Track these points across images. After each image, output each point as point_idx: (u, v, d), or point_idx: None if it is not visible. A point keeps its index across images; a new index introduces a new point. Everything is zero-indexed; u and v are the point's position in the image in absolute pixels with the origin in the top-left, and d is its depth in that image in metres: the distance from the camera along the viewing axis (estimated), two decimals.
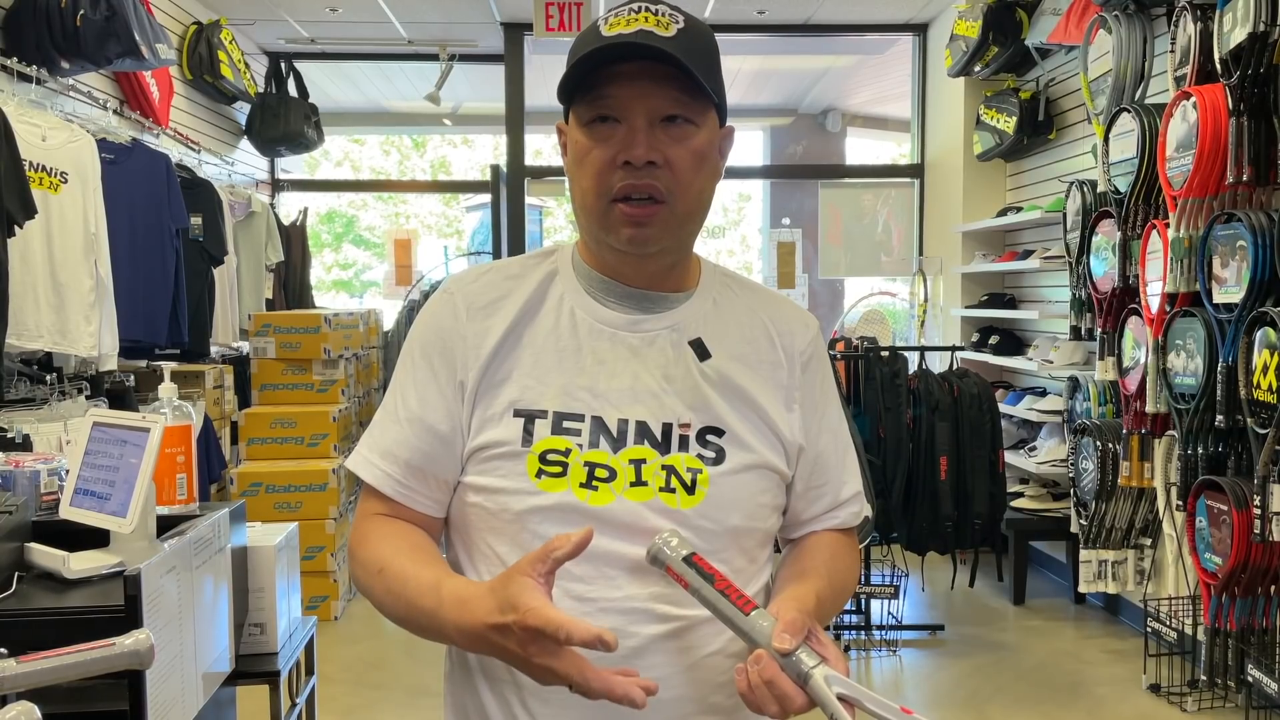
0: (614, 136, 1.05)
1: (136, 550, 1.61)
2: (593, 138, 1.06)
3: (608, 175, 1.06)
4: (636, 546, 1.05)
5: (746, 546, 1.12)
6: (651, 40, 1.03)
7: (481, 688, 1.11)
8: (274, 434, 4.69)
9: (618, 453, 1.08)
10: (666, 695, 1.06)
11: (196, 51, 5.52)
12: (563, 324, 1.13)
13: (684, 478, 1.08)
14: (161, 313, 4.15)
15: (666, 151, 1.05)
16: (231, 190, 5.52)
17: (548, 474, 1.07)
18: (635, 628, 1.05)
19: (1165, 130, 3.55)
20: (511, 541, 1.08)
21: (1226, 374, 3.25)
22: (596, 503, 1.06)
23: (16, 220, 3.17)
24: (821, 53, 7.70)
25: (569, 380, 1.10)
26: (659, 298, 1.15)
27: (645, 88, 1.04)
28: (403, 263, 7.44)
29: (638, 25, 1.04)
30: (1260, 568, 3.22)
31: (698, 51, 1.05)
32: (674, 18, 1.06)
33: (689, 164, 1.07)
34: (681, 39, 1.04)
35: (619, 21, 1.05)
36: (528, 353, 1.11)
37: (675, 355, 1.12)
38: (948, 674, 4.00)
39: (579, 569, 1.05)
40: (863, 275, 7.21)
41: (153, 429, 1.57)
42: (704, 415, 1.10)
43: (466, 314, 1.13)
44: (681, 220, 1.09)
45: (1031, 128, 5.26)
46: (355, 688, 3.80)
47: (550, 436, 1.08)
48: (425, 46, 6.84)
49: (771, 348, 1.17)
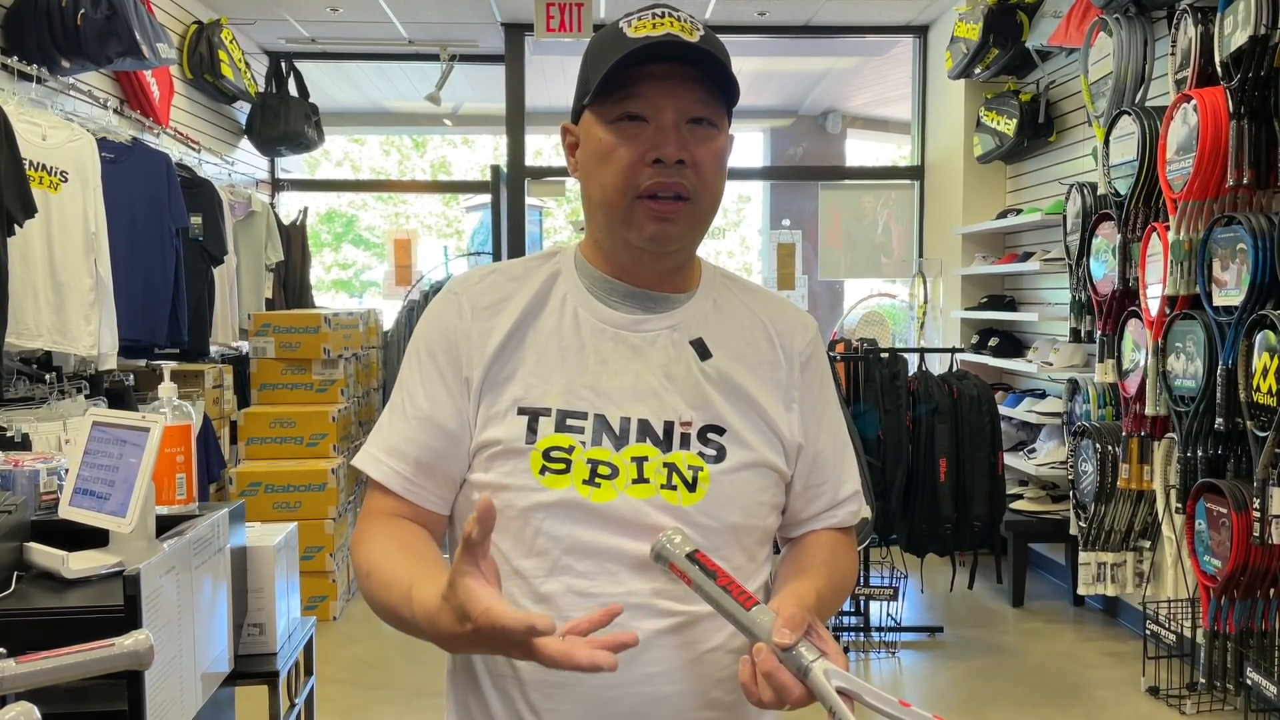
0: (642, 135, 1.08)
1: (136, 550, 1.61)
2: (620, 135, 1.08)
3: (635, 172, 1.08)
4: (638, 542, 1.06)
5: (746, 544, 1.13)
6: (680, 45, 1.06)
7: (485, 684, 1.12)
8: (273, 434, 4.69)
9: (620, 450, 1.09)
10: (668, 690, 1.07)
11: (197, 51, 5.52)
12: (566, 324, 1.14)
13: (685, 475, 1.09)
14: (161, 312, 4.15)
15: (694, 151, 1.08)
16: (231, 190, 5.52)
17: (551, 471, 1.08)
18: (637, 623, 1.06)
19: (1166, 133, 3.55)
20: (515, 538, 1.09)
21: (1226, 377, 3.25)
22: (599, 499, 1.08)
23: (16, 219, 3.17)
24: (822, 54, 7.70)
25: (572, 379, 1.12)
26: (661, 298, 1.16)
27: (674, 88, 1.07)
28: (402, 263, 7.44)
29: (664, 30, 1.07)
30: (1259, 570, 3.22)
31: (720, 57, 1.09)
32: (695, 25, 1.09)
33: (712, 164, 1.10)
34: (705, 44, 1.08)
35: (644, 25, 1.08)
36: (532, 352, 1.13)
37: (676, 354, 1.14)
38: (946, 676, 4.00)
39: (581, 565, 1.07)
40: (863, 277, 7.21)
41: (152, 429, 1.57)
42: (705, 414, 1.12)
43: (471, 313, 1.15)
44: (702, 219, 1.13)
45: (1032, 130, 5.26)
46: (354, 688, 3.79)
47: (554, 434, 1.09)
48: (426, 46, 6.85)
49: (771, 348, 1.19)
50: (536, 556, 1.09)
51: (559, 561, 1.08)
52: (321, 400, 4.81)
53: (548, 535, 1.08)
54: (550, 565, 1.08)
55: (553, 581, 1.08)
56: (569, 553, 1.08)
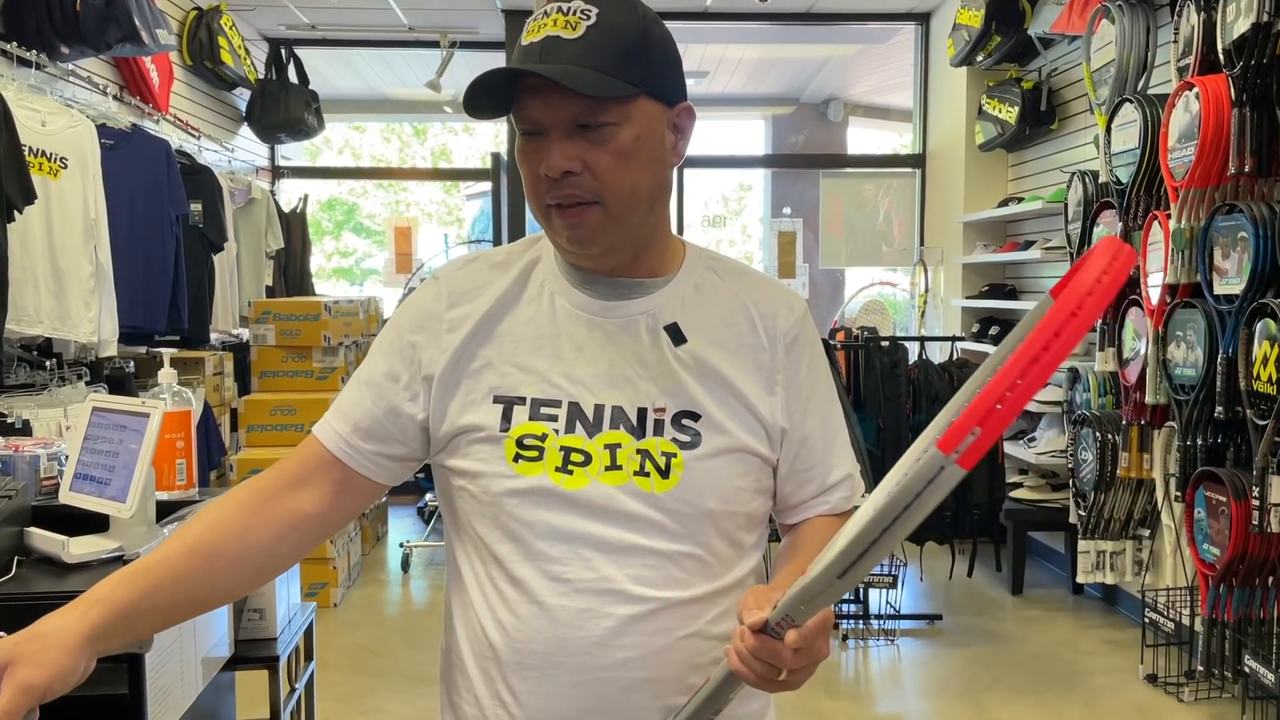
0: (538, 148, 1.07)
1: (136, 535, 1.61)
2: (523, 150, 1.09)
3: (537, 185, 1.08)
4: (612, 528, 1.08)
5: (726, 530, 1.13)
6: (557, 48, 1.03)
7: (469, 663, 1.14)
8: (274, 421, 4.69)
9: (593, 437, 1.10)
10: (643, 675, 1.08)
11: (196, 37, 5.50)
12: (542, 311, 1.15)
13: (658, 462, 1.09)
14: (161, 299, 4.15)
15: (585, 157, 1.05)
16: (231, 177, 5.51)
17: (525, 458, 1.10)
18: (610, 608, 1.07)
19: (1167, 121, 3.54)
20: (492, 522, 1.11)
21: (1226, 365, 3.25)
22: (571, 486, 1.09)
23: (16, 205, 3.17)
24: (823, 41, 7.67)
25: (547, 367, 1.12)
26: (636, 283, 1.16)
27: (553, 100, 1.04)
28: (403, 251, 7.42)
29: (545, 31, 1.04)
30: (1258, 559, 3.23)
31: (608, 47, 1.04)
32: (585, 14, 1.04)
33: (611, 164, 1.06)
34: (589, 37, 1.04)
35: (534, 27, 1.06)
36: (508, 339, 1.14)
37: (650, 340, 1.13)
38: (945, 663, 4.01)
39: (555, 550, 1.08)
40: (863, 265, 7.20)
41: (152, 414, 1.57)
42: (679, 400, 1.12)
43: (448, 300, 1.16)
44: (617, 217, 1.09)
45: (1034, 118, 5.24)
46: (355, 674, 3.80)
47: (528, 422, 1.10)
48: (426, 33, 6.82)
49: (753, 330, 1.17)
50: (511, 542, 1.10)
51: (532, 547, 1.09)
52: (322, 388, 4.82)
53: (521, 521, 1.09)
54: (524, 551, 1.10)
55: (526, 566, 1.10)
56: (542, 538, 1.09)
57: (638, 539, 1.08)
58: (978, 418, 0.76)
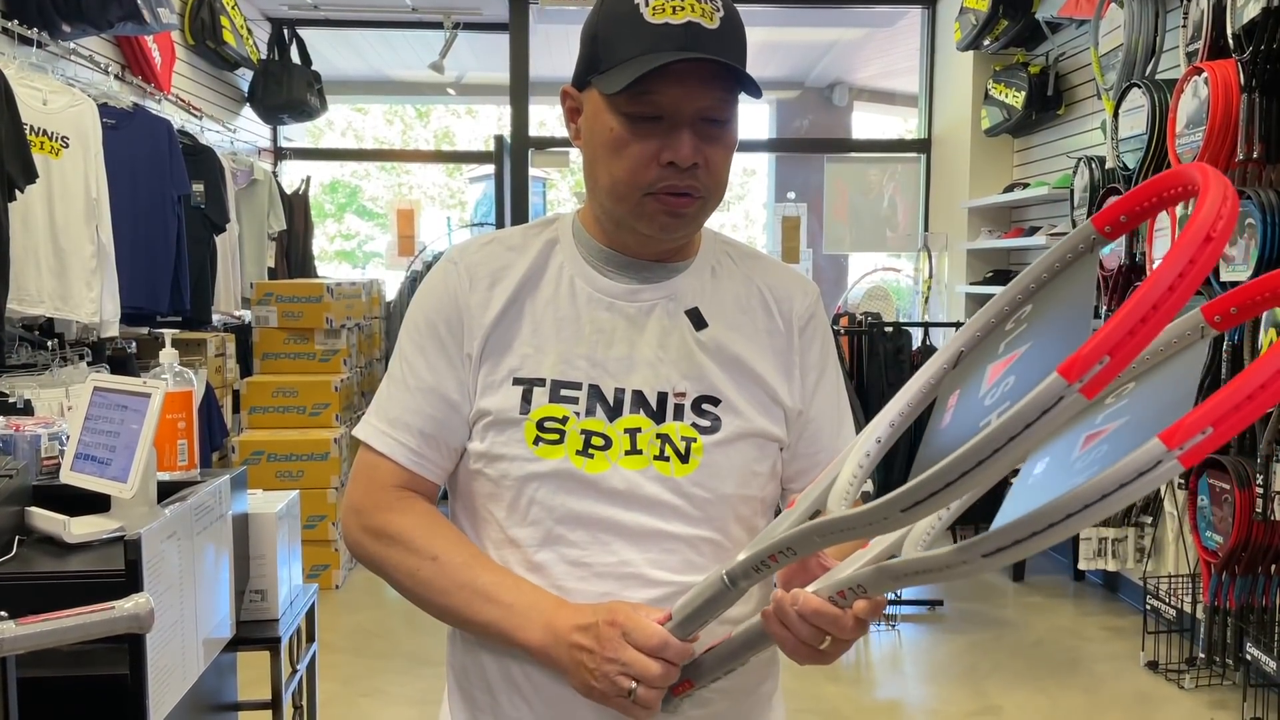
0: (655, 133, 1.04)
1: (137, 515, 1.60)
2: (633, 131, 1.05)
3: (647, 170, 1.05)
4: (631, 513, 1.07)
5: (743, 515, 1.13)
6: (701, 36, 1.01)
7: (480, 646, 1.13)
8: (276, 403, 4.69)
9: (613, 421, 1.09)
10: None
11: (199, 17, 5.48)
12: (562, 293, 1.14)
13: (678, 446, 1.09)
14: (163, 280, 4.14)
15: (707, 151, 1.05)
16: (234, 158, 5.49)
17: (545, 441, 1.08)
18: (629, 592, 1.07)
19: (1175, 106, 3.52)
20: (510, 507, 1.10)
21: (1232, 353, 3.23)
22: (592, 470, 1.08)
23: (17, 184, 3.16)
24: (829, 25, 7.63)
25: (567, 349, 1.11)
26: (658, 268, 1.15)
27: (693, 89, 1.03)
28: (405, 233, 7.41)
29: (685, 16, 1.01)
30: (1261, 546, 3.22)
31: (739, 45, 1.05)
32: (716, 5, 1.04)
33: (724, 162, 1.08)
34: (725, 31, 1.03)
35: (664, 7, 1.02)
36: (528, 322, 1.12)
37: (671, 324, 1.13)
38: (946, 649, 4.02)
39: (574, 535, 1.08)
40: (868, 251, 7.18)
41: (154, 394, 1.56)
42: (700, 384, 1.11)
43: (470, 283, 1.14)
44: (707, 210, 1.11)
45: (1040, 103, 5.22)
46: (356, 656, 3.81)
47: (548, 404, 1.09)
48: (429, 14, 6.79)
49: (769, 315, 1.17)
50: (530, 526, 1.09)
51: (552, 531, 1.08)
52: (324, 370, 4.81)
53: (541, 505, 1.08)
54: (544, 535, 1.09)
55: (546, 551, 1.08)
56: (562, 523, 1.08)
57: (657, 524, 1.08)
58: (1212, 418, 0.68)
